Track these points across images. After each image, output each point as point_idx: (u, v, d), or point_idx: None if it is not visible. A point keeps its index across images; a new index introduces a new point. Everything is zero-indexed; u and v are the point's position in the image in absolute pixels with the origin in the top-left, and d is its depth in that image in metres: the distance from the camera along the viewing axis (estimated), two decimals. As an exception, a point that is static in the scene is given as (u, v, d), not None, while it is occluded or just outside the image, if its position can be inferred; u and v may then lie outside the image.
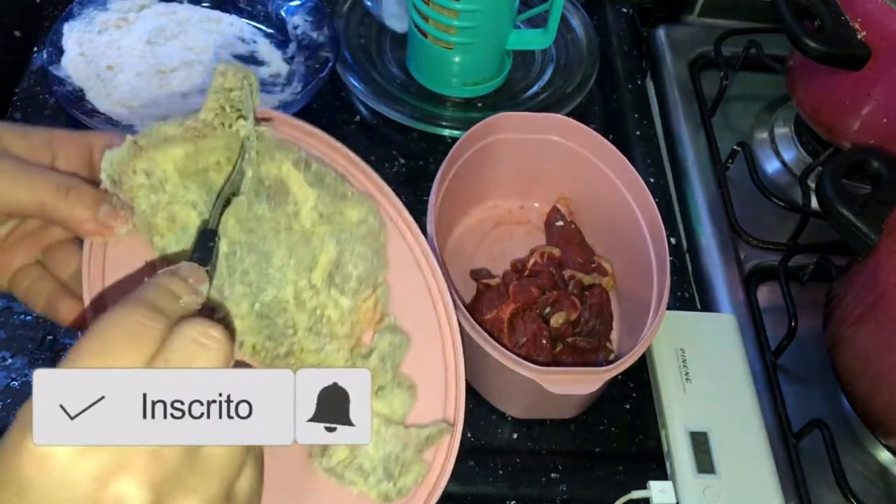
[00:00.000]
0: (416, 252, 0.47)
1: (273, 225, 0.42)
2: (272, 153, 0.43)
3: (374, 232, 0.45)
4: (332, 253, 0.43)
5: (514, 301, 0.64)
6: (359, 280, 0.44)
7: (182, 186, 0.40)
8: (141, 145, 0.39)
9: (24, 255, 0.43)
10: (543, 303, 0.64)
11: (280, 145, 0.44)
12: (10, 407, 0.61)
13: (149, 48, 0.82)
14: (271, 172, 0.43)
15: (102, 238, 0.39)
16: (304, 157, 0.44)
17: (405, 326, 0.45)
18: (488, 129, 0.66)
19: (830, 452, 0.60)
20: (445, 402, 0.44)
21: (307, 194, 0.43)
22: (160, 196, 0.39)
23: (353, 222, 0.44)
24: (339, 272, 0.43)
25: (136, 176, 0.39)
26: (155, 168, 0.39)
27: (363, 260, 0.44)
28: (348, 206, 0.45)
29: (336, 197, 0.44)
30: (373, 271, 0.44)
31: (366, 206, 0.45)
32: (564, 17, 0.90)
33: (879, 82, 0.69)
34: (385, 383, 0.43)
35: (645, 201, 0.63)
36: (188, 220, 0.40)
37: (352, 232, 0.44)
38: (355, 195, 0.45)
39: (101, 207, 0.39)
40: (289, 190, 0.43)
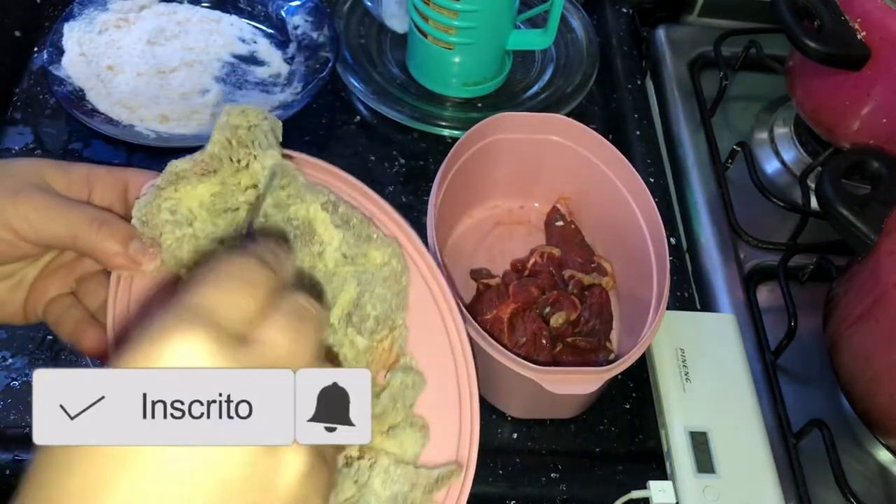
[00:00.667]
0: (435, 294, 0.47)
1: (296, 263, 0.44)
2: (303, 195, 0.45)
3: (396, 274, 0.46)
4: (352, 293, 0.44)
5: (514, 301, 0.64)
6: (376, 320, 0.44)
7: (211, 223, 0.42)
8: (159, 185, 0.42)
9: (58, 285, 0.45)
10: (543, 303, 0.64)
11: (311, 188, 0.46)
12: (11, 407, 0.61)
13: (149, 48, 0.82)
14: (300, 213, 0.45)
15: (130, 272, 0.41)
16: (333, 200, 0.45)
17: (421, 367, 0.45)
18: (488, 129, 0.66)
19: (830, 452, 0.60)
20: (459, 444, 0.44)
21: (333, 235, 0.45)
22: (184, 230, 0.41)
23: (377, 264, 0.46)
24: (358, 312, 0.44)
25: (161, 214, 0.41)
26: (179, 206, 0.42)
27: (382, 301, 0.45)
28: (373, 248, 0.46)
29: (361, 239, 0.46)
30: (391, 313, 0.45)
31: (390, 248, 0.46)
32: (564, 17, 0.90)
33: (879, 82, 0.69)
34: (396, 423, 0.43)
35: (645, 201, 0.63)
36: (214, 254, 0.42)
37: (374, 273, 0.45)
38: (380, 238, 0.46)
39: (132, 243, 0.41)
40: (315, 231, 0.44)
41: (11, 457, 0.58)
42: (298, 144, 0.78)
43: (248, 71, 0.83)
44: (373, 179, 0.77)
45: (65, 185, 0.42)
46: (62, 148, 0.76)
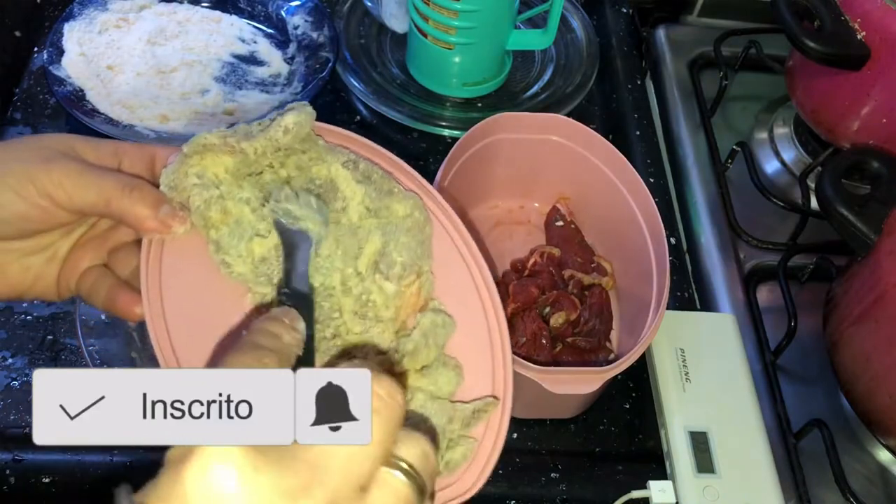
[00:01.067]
0: (459, 245, 0.48)
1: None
2: (323, 156, 0.47)
3: (420, 225, 0.47)
4: (377, 243, 0.46)
5: (514, 301, 0.64)
6: (403, 266, 0.45)
7: (236, 186, 0.44)
8: (186, 153, 0.43)
9: (91, 257, 0.46)
10: (543, 303, 0.64)
11: (331, 150, 0.47)
12: (11, 407, 0.61)
13: (149, 48, 0.82)
14: (321, 173, 0.46)
15: (161, 236, 0.42)
16: (353, 159, 0.47)
17: (450, 311, 0.47)
18: (488, 129, 0.66)
19: (830, 452, 0.60)
20: (494, 383, 0.45)
21: (355, 191, 0.46)
22: (212, 192, 0.43)
23: (400, 216, 0.47)
24: (384, 260, 0.45)
25: (188, 178, 0.43)
26: (206, 171, 0.43)
27: (407, 249, 0.46)
28: (394, 201, 0.47)
29: (382, 193, 0.47)
30: (417, 259, 0.46)
31: (411, 201, 0.47)
32: (564, 17, 0.90)
33: (879, 82, 0.69)
34: (429, 361, 0.44)
35: (644, 201, 0.63)
36: (241, 214, 0.43)
37: (397, 224, 0.46)
38: (401, 192, 0.48)
39: (162, 207, 0.42)
40: (338, 188, 0.46)
41: (11, 457, 0.58)
42: (298, 144, 0.79)
43: (248, 71, 0.83)
44: (373, 179, 0.77)
45: (94, 157, 0.44)
46: (62, 148, 0.76)
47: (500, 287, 0.65)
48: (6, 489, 0.57)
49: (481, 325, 0.46)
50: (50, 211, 0.42)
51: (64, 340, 0.64)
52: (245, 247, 0.43)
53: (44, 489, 0.57)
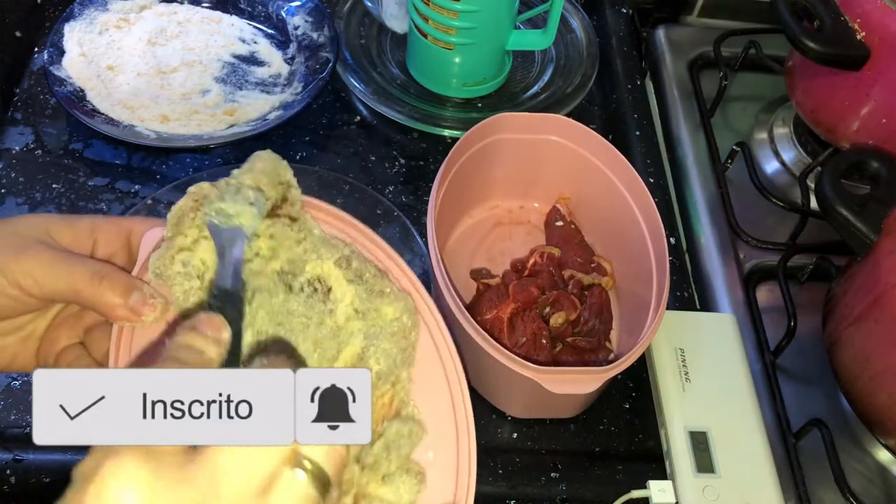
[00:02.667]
0: (440, 347, 0.48)
1: (304, 321, 0.45)
2: (318, 249, 0.46)
3: (406, 330, 0.47)
4: (357, 347, 0.45)
5: (514, 301, 0.64)
6: (378, 375, 0.45)
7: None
8: (168, 236, 0.43)
9: (67, 336, 0.47)
10: (543, 303, 0.64)
11: (327, 242, 0.46)
12: (11, 407, 0.61)
13: (149, 49, 0.82)
14: (315, 270, 0.46)
15: (131, 323, 0.42)
16: (347, 255, 0.46)
17: (423, 417, 0.46)
18: (488, 129, 0.66)
19: (830, 452, 0.60)
20: (456, 490, 0.45)
21: (346, 292, 0.45)
22: (193, 282, 0.43)
23: (387, 319, 0.46)
24: (361, 366, 0.45)
25: (174, 265, 0.42)
26: (192, 258, 0.43)
27: (387, 356, 0.45)
28: (385, 303, 0.46)
29: (374, 294, 0.46)
30: (394, 368, 0.46)
31: (402, 303, 0.46)
32: (564, 17, 0.90)
33: (878, 82, 0.69)
34: (391, 471, 0.44)
35: (644, 201, 0.63)
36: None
37: (382, 328, 0.46)
38: (393, 292, 0.47)
39: (132, 295, 0.42)
40: (329, 287, 0.45)
41: (11, 457, 0.58)
42: (299, 144, 0.79)
43: (248, 71, 0.83)
44: (373, 179, 0.77)
45: (70, 238, 0.44)
46: (62, 148, 0.76)
47: (500, 287, 0.66)
48: (6, 489, 0.57)
49: (451, 431, 0.46)
50: (21, 299, 0.42)
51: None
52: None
53: (44, 489, 0.57)
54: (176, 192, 0.69)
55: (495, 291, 0.65)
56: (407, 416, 0.45)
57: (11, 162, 0.75)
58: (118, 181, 0.74)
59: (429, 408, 0.46)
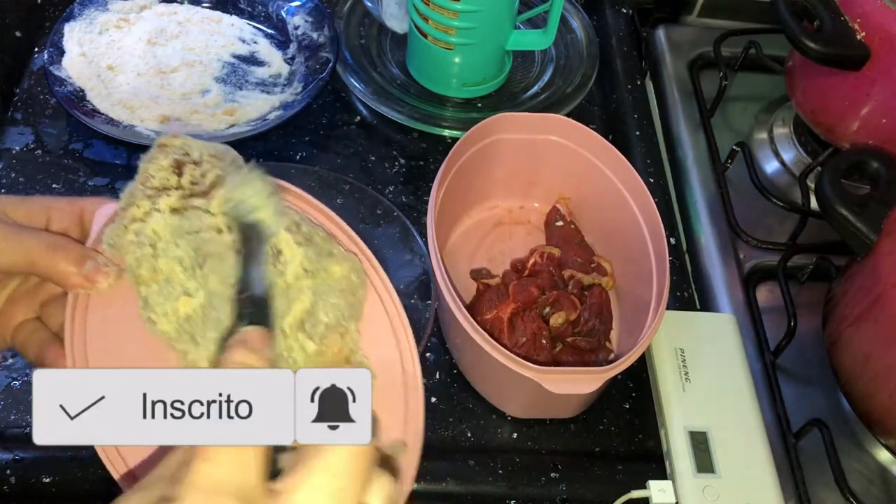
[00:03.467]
0: (387, 303, 0.50)
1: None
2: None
3: (353, 287, 0.49)
4: (306, 303, 0.47)
5: (514, 301, 0.64)
6: (327, 327, 0.47)
7: (173, 244, 0.45)
8: (121, 207, 0.45)
9: (24, 311, 0.48)
10: (543, 303, 0.64)
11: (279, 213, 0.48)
12: (11, 407, 0.61)
13: (149, 48, 0.82)
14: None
15: (86, 290, 0.44)
16: (296, 220, 0.48)
17: (371, 365, 0.48)
18: (488, 129, 0.66)
19: (830, 452, 0.60)
20: (405, 429, 0.47)
21: (295, 253, 0.47)
22: (145, 250, 0.44)
23: (336, 278, 0.48)
24: (310, 319, 0.47)
25: (127, 235, 0.44)
26: (145, 229, 0.44)
27: (335, 309, 0.48)
28: (333, 262, 0.48)
29: (322, 254, 0.48)
30: (343, 320, 0.48)
31: (349, 263, 0.49)
32: (564, 17, 0.90)
33: (878, 83, 0.69)
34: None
35: (644, 201, 0.63)
36: (172, 272, 0.44)
37: (331, 285, 0.48)
38: (341, 253, 0.49)
39: (87, 263, 0.43)
40: (280, 252, 0.47)
41: (11, 457, 0.58)
42: (299, 144, 0.79)
43: (248, 71, 0.83)
44: (373, 179, 0.77)
45: (24, 215, 0.45)
46: (62, 148, 0.76)
47: (500, 287, 0.66)
48: (6, 489, 0.57)
49: (398, 379, 0.48)
50: None
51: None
52: (171, 305, 0.44)
53: (44, 489, 0.57)
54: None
55: (495, 291, 0.65)
56: (357, 362, 0.48)
57: (11, 162, 0.75)
58: (118, 181, 0.74)
59: (377, 357, 0.48)
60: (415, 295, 0.64)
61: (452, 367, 0.66)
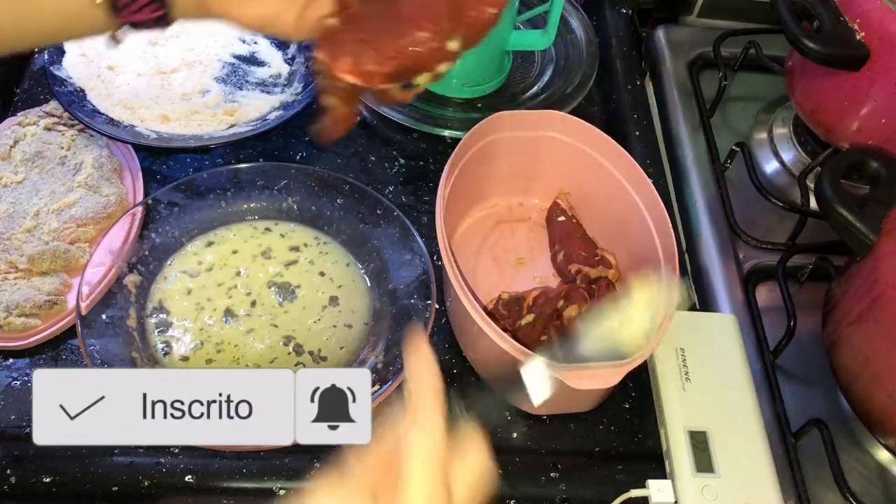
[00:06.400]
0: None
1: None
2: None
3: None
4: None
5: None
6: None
7: None
8: None
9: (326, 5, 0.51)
10: (556, 296, 0.64)
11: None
12: (11, 407, 0.61)
13: (149, 49, 0.82)
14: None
15: None
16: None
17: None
18: (486, 129, 0.66)
19: (829, 452, 0.60)
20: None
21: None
22: None
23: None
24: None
25: None
26: None
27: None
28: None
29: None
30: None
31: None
32: (564, 17, 0.90)
33: (878, 83, 0.69)
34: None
35: (646, 189, 0.63)
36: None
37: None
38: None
39: None
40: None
41: (11, 457, 0.58)
42: (299, 144, 0.79)
43: (248, 71, 0.83)
44: (373, 179, 0.77)
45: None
46: (62, 148, 0.76)
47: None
48: (6, 489, 0.57)
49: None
50: None
51: (64, 340, 0.64)
52: None
53: (44, 489, 0.57)
54: (176, 192, 0.69)
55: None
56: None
57: (11, 162, 0.75)
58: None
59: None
60: (415, 295, 0.64)
61: (452, 368, 0.66)
